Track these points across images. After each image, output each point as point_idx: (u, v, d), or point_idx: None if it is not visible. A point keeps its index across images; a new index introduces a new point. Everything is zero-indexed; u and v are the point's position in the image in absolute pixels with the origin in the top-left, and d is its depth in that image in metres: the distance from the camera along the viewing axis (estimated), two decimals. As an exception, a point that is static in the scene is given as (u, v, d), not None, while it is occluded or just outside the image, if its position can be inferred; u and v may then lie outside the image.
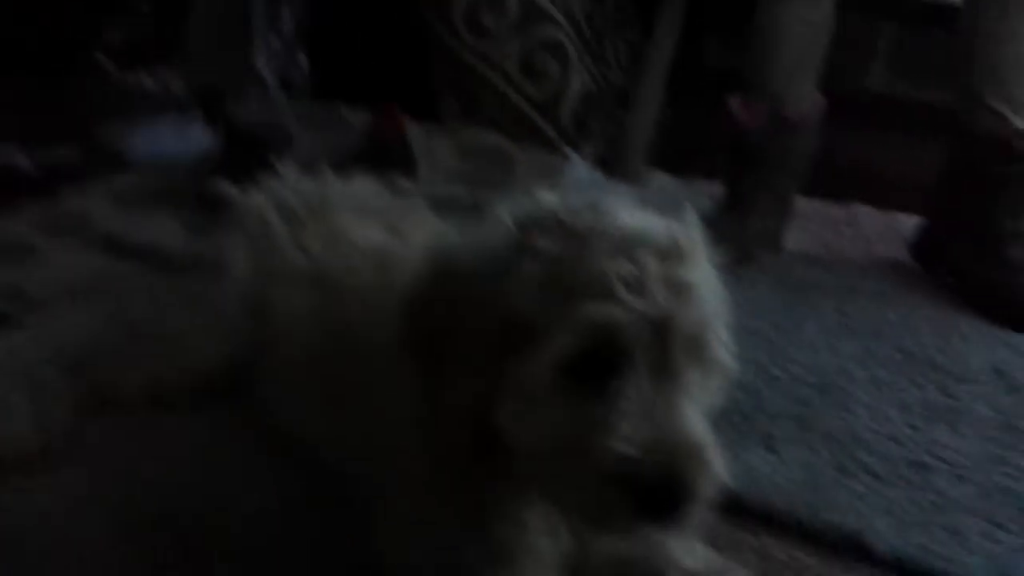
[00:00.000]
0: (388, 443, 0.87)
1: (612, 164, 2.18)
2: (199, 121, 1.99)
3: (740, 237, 1.71)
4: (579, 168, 2.12)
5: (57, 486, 1.05)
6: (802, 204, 1.92)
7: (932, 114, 1.79)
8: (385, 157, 1.86)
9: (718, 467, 0.69)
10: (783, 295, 1.63)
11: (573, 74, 2.23)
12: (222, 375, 1.15)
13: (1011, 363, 1.45)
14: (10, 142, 1.82)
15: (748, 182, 1.76)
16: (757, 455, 1.21)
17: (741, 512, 1.06)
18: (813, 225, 1.94)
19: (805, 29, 1.70)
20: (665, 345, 0.69)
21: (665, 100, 2.29)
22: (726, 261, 1.67)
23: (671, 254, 0.71)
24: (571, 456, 0.69)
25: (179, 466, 1.09)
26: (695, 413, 0.70)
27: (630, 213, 0.75)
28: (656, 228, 0.74)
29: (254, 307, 1.11)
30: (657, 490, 0.67)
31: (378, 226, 1.14)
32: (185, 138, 1.95)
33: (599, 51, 2.39)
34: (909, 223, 1.92)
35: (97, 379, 1.15)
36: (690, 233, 0.75)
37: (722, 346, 0.75)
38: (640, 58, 2.32)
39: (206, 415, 1.17)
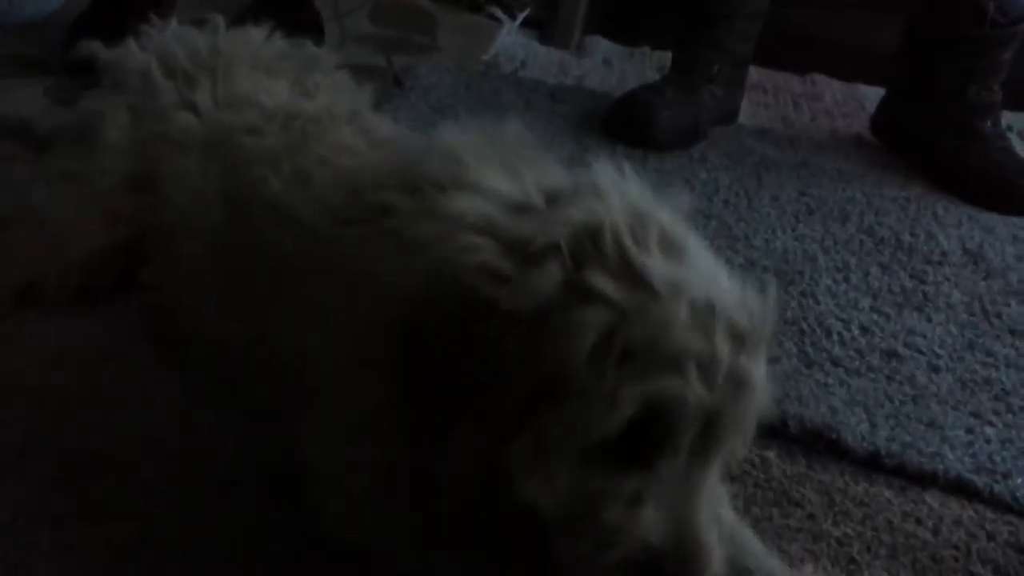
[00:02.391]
0: (316, 345, 0.81)
1: (546, 28, 2.11)
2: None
3: (692, 108, 1.68)
4: (510, 34, 2.05)
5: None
6: (758, 74, 1.89)
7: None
8: (286, 18, 1.73)
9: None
10: (739, 174, 1.61)
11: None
12: (106, 265, 1.06)
13: (984, 244, 1.47)
14: None
15: (700, 44, 1.72)
16: (717, 348, 1.20)
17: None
18: (770, 98, 1.92)
19: None
20: (711, 434, 0.68)
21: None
22: (669, 142, 1.64)
23: (743, 337, 0.68)
24: (587, 527, 0.67)
25: (62, 374, 1.03)
26: (714, 503, 0.71)
27: (705, 265, 0.72)
28: (732, 297, 0.70)
29: (139, 181, 1.02)
30: None
31: (281, 82, 1.06)
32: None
33: None
34: (873, 94, 1.91)
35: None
36: (765, 311, 0.72)
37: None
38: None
39: (90, 314, 1.09)
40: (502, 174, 0.75)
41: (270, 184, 0.90)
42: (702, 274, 0.70)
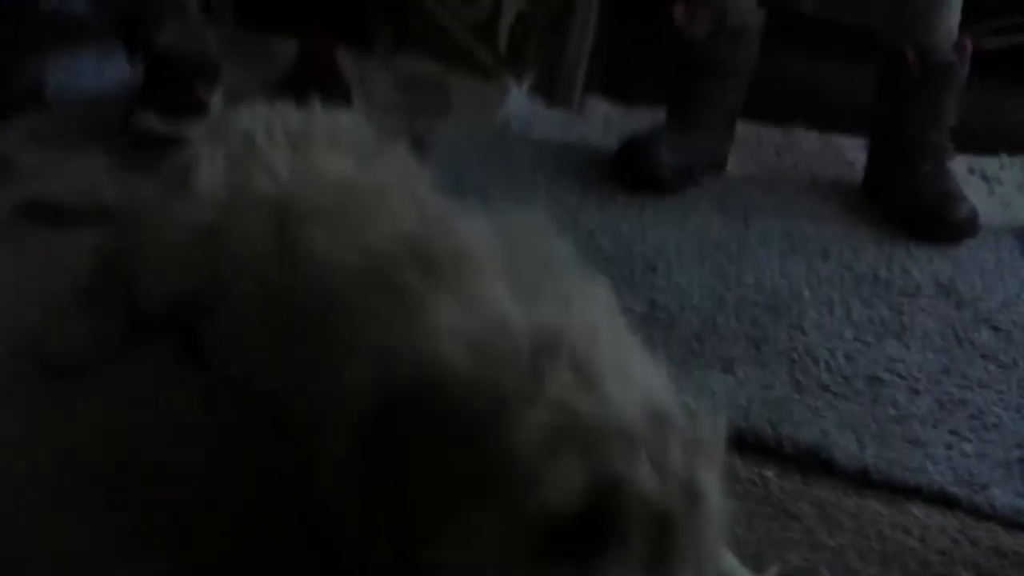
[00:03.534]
0: (339, 405, 0.83)
1: (550, 91, 2.15)
2: (119, 52, 1.88)
3: (688, 152, 1.72)
4: (519, 98, 2.09)
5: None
6: (741, 128, 1.92)
7: (868, 34, 1.80)
8: (318, 87, 1.78)
9: None
10: (728, 218, 1.64)
11: (505, -4, 2.18)
12: (179, 306, 1.11)
13: (955, 277, 1.49)
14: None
15: (692, 95, 1.75)
16: (715, 377, 1.23)
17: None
18: (753, 149, 1.95)
19: None
20: (666, 544, 0.62)
21: (603, 23, 2.26)
22: (671, 181, 1.65)
23: (697, 448, 0.65)
24: None
25: (134, 410, 1.06)
26: None
27: (655, 379, 0.69)
28: (679, 414, 0.67)
29: (212, 233, 1.05)
30: None
31: (349, 156, 1.09)
32: (105, 70, 1.84)
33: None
34: (849, 144, 1.95)
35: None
36: (716, 429, 0.68)
37: (718, 553, 0.69)
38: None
39: (152, 351, 1.14)
40: (499, 282, 0.75)
41: (318, 241, 0.92)
42: (658, 391, 0.68)
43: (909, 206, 1.64)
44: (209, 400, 1.07)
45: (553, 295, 0.75)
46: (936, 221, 1.60)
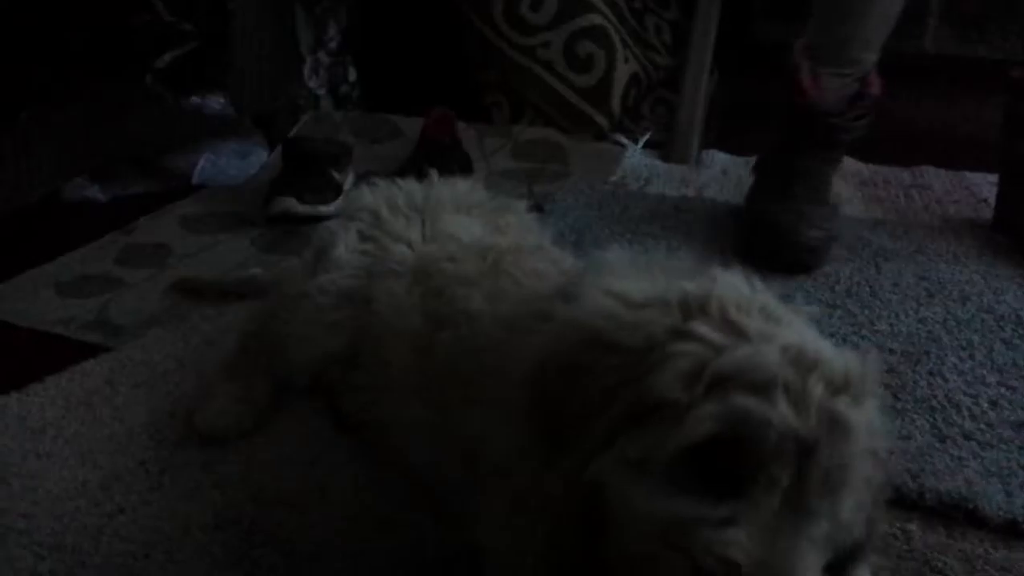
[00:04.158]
0: (485, 433, 0.87)
1: (666, 147, 2.18)
2: (260, 142, 2.03)
3: (827, 231, 1.64)
4: (634, 156, 2.12)
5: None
6: (868, 171, 1.90)
7: (992, 69, 1.75)
8: (441, 161, 1.87)
9: None
10: (859, 264, 1.61)
11: (618, 59, 2.23)
12: (325, 368, 1.18)
13: (1103, 315, 1.41)
14: (82, 176, 1.87)
15: (826, 169, 1.68)
16: (852, 428, 1.20)
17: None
18: (881, 191, 1.92)
19: None
20: (804, 475, 0.63)
21: (716, 78, 2.28)
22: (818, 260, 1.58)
23: (840, 387, 0.65)
24: (671, 547, 0.63)
25: (276, 475, 1.13)
26: (813, 562, 0.64)
27: (804, 332, 0.70)
28: (829, 355, 0.67)
29: (355, 297, 1.13)
30: None
31: (477, 222, 1.16)
32: (247, 160, 1.98)
33: (642, 33, 2.38)
34: (980, 181, 1.89)
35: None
36: (867, 370, 0.68)
37: (866, 488, 0.67)
38: (684, 37, 2.31)
39: (296, 411, 1.22)
40: (642, 278, 0.78)
41: (471, 302, 0.98)
42: (799, 332, 0.69)
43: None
44: (355, 464, 1.13)
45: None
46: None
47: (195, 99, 1.74)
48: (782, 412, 0.62)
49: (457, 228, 1.14)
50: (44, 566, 1.00)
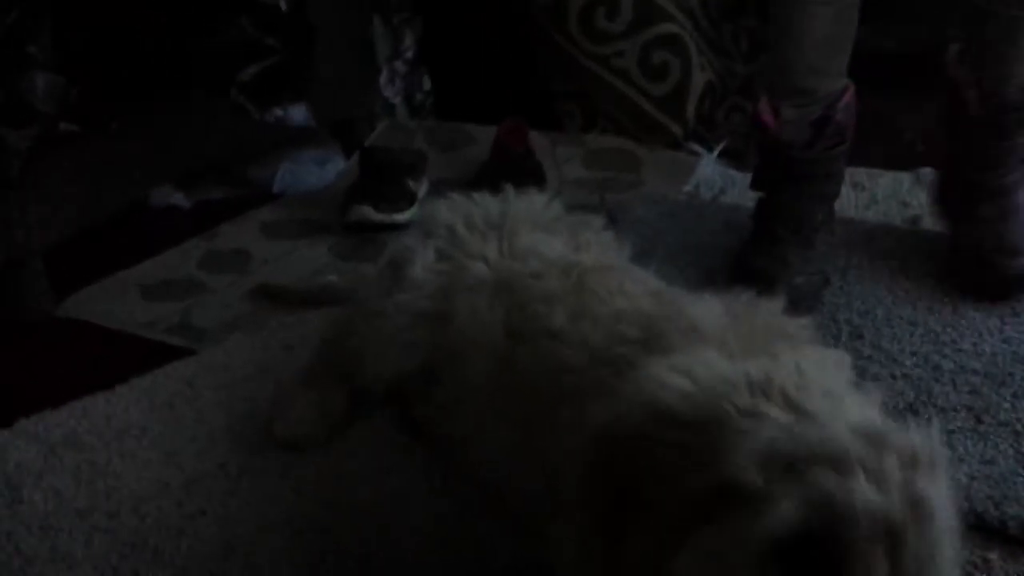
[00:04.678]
0: (562, 461, 0.87)
1: (742, 156, 2.15)
2: (337, 151, 2.07)
3: (812, 274, 1.54)
4: (709, 165, 2.10)
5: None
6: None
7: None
8: (514, 171, 1.88)
9: None
10: (939, 281, 1.56)
11: (694, 68, 2.21)
12: (401, 386, 1.19)
13: None
14: (168, 184, 1.94)
15: (800, 205, 1.55)
16: (932, 451, 1.17)
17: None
18: (964, 204, 1.86)
19: (826, 10, 1.48)
20: (897, 565, 0.61)
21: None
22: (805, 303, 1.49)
23: (912, 462, 0.64)
24: None
25: (352, 488, 1.15)
26: None
27: (866, 409, 0.70)
28: (897, 431, 0.66)
29: (433, 316, 1.14)
30: None
31: (557, 239, 1.16)
32: (325, 168, 2.03)
33: (718, 41, 2.35)
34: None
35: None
36: (933, 444, 0.67)
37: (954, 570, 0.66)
38: (761, 44, 2.28)
39: (371, 421, 1.24)
40: (716, 352, 0.78)
41: (554, 319, 0.98)
42: (863, 411, 0.68)
43: (962, 257, 1.51)
44: (429, 474, 1.14)
45: (767, 356, 0.77)
46: (991, 275, 1.46)
47: (278, 111, 1.78)
48: (866, 491, 0.61)
49: (537, 245, 1.14)
50: (127, 565, 1.04)
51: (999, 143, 1.52)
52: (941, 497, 0.64)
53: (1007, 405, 1.25)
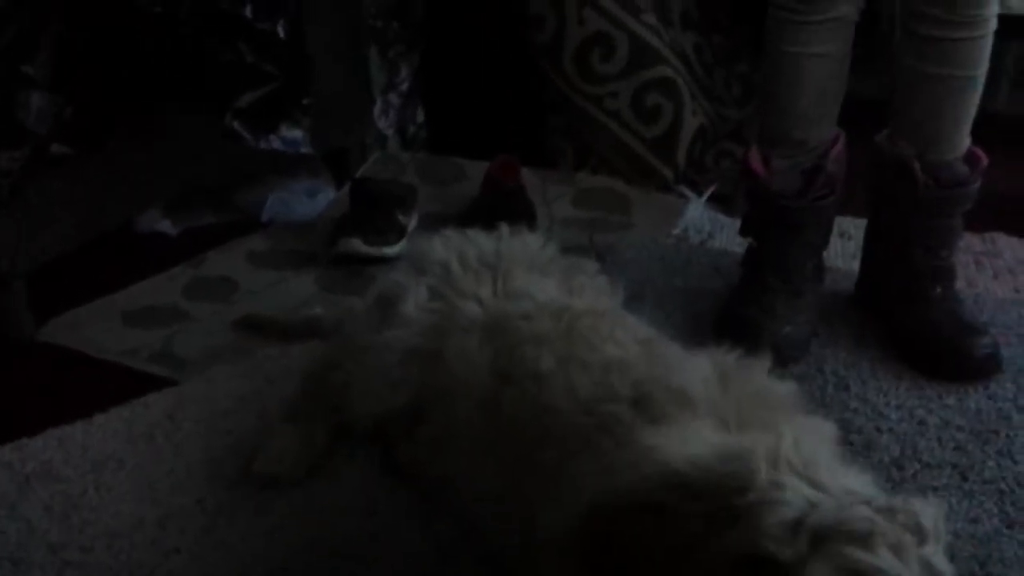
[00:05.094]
0: (544, 510, 0.86)
1: (731, 201, 2.15)
2: (327, 181, 2.06)
3: (801, 325, 1.53)
4: (697, 209, 2.10)
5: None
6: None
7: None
8: (504, 207, 1.88)
9: None
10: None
11: (686, 111, 2.22)
12: (389, 422, 1.18)
13: None
14: (155, 209, 1.92)
15: (793, 254, 1.55)
16: (916, 508, 1.16)
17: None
18: (950, 258, 1.87)
19: (820, 62, 1.49)
20: None
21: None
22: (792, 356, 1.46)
23: (923, 536, 0.67)
24: None
25: (333, 526, 1.13)
26: None
27: (866, 482, 0.73)
28: (903, 504, 0.69)
29: (423, 354, 1.12)
30: None
31: (550, 281, 1.15)
32: (315, 199, 2.01)
33: (711, 86, 2.37)
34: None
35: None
36: (937, 517, 0.70)
37: None
38: (754, 90, 2.30)
39: (355, 458, 1.22)
40: (710, 424, 0.79)
41: (542, 362, 0.97)
42: (868, 485, 0.71)
43: (920, 338, 1.47)
44: (411, 513, 1.12)
45: (761, 427, 0.78)
46: (955, 357, 1.44)
47: (274, 139, 1.77)
48: (892, 564, 0.63)
49: (530, 287, 1.13)
50: (97, 603, 1.01)
51: (948, 221, 1.51)
52: (946, 566, 0.67)
53: (992, 463, 1.25)
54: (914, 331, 1.49)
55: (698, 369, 0.88)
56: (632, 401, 0.85)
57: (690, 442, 0.74)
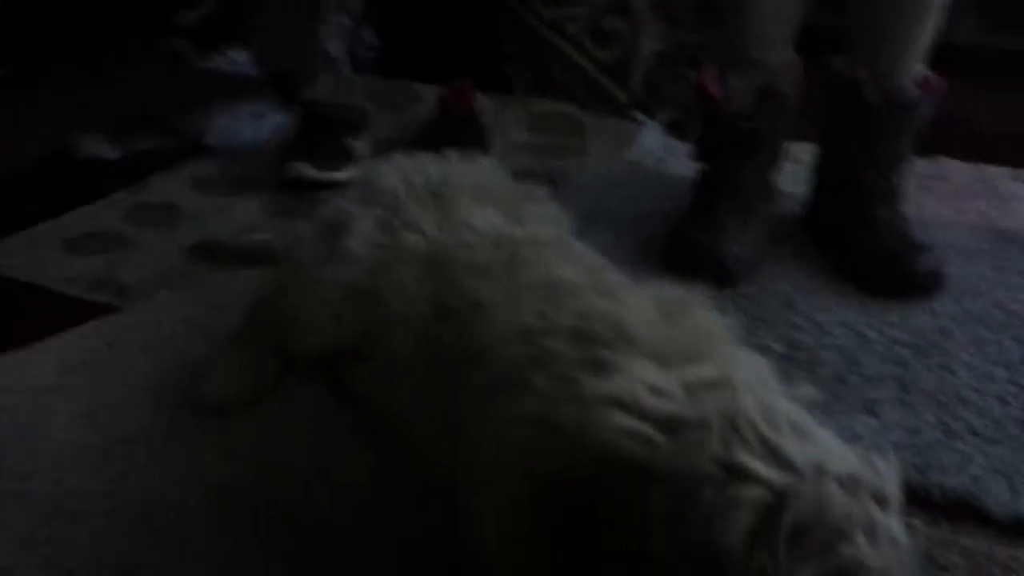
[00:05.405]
0: (478, 446, 0.84)
1: (684, 128, 2.14)
2: (275, 104, 2.00)
3: (753, 246, 1.53)
4: (652, 134, 2.09)
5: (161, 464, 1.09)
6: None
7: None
8: (458, 132, 1.85)
9: None
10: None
11: (643, 36, 2.19)
12: (335, 358, 1.16)
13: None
14: (96, 133, 1.85)
15: (745, 175, 1.55)
16: (859, 420, 1.19)
17: (847, 479, 1.04)
18: (900, 181, 1.88)
19: None
20: None
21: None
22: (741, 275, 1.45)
23: (886, 500, 0.65)
24: None
25: (283, 451, 1.12)
26: None
27: (831, 442, 0.68)
28: (867, 470, 0.66)
29: (364, 290, 1.10)
30: None
31: (495, 210, 1.11)
32: (262, 122, 1.96)
33: (668, 11, 2.34)
34: (996, 174, 1.86)
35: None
36: (892, 477, 0.68)
37: None
38: (710, 16, 2.27)
39: (304, 395, 1.20)
40: (652, 364, 0.75)
41: (482, 292, 0.94)
42: (835, 452, 0.67)
43: (866, 257, 1.49)
44: (359, 439, 1.12)
45: (711, 366, 0.75)
46: (898, 274, 1.46)
47: (218, 58, 1.71)
48: (870, 555, 0.61)
49: (473, 216, 1.09)
50: (41, 533, 0.99)
51: (898, 143, 1.51)
52: (903, 535, 0.65)
53: (932, 376, 1.27)
54: (860, 250, 1.50)
55: (641, 306, 0.85)
56: (571, 334, 0.82)
57: (636, 402, 0.69)
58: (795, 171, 1.84)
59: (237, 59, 1.74)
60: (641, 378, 0.72)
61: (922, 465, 1.10)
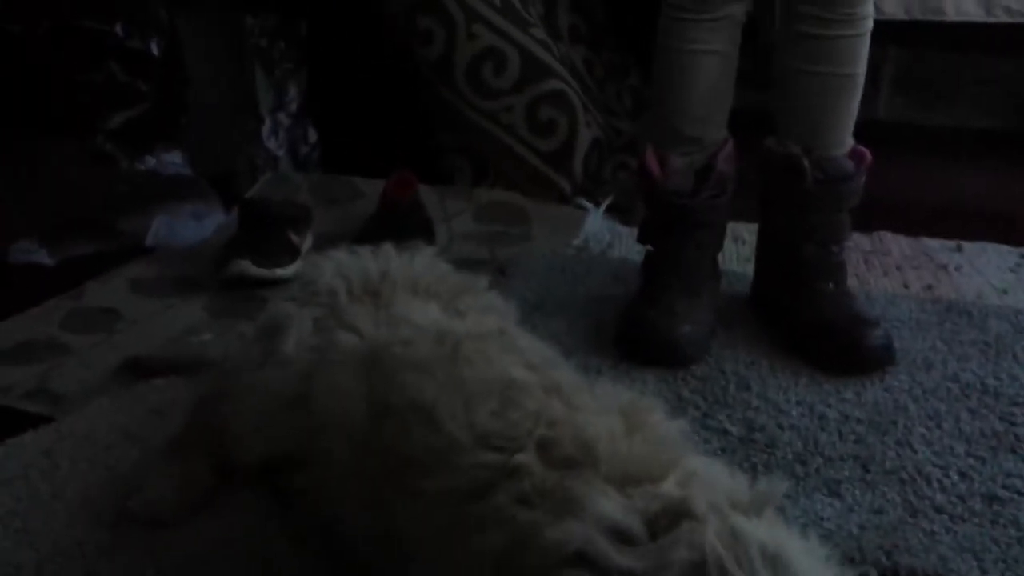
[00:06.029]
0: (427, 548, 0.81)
1: (628, 212, 2.17)
2: (215, 204, 1.98)
3: (702, 324, 1.54)
4: (597, 220, 2.11)
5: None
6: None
7: (949, 136, 1.77)
8: (402, 224, 1.84)
9: None
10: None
11: (580, 124, 2.23)
12: (271, 469, 1.10)
13: (1069, 383, 1.40)
14: (29, 239, 1.80)
15: (688, 255, 1.56)
16: (822, 502, 1.17)
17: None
18: (840, 257, 1.91)
19: (712, 59, 1.53)
20: None
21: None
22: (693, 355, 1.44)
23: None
24: None
25: (212, 556, 1.06)
26: None
27: (811, 563, 0.68)
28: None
29: (301, 398, 1.04)
30: None
31: (434, 304, 1.09)
32: (203, 222, 1.93)
33: (603, 99, 2.39)
34: (938, 246, 1.90)
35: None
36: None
37: None
38: (645, 104, 2.32)
39: (245, 503, 1.14)
40: (614, 489, 0.73)
41: (423, 390, 0.89)
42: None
43: (815, 333, 1.49)
44: (298, 548, 1.06)
45: (673, 484, 0.73)
46: (850, 349, 1.46)
47: (150, 159, 1.69)
48: None
49: (411, 311, 1.06)
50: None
51: (837, 215, 1.53)
52: None
53: (892, 453, 1.26)
54: (809, 326, 1.51)
55: (601, 413, 0.82)
56: (538, 445, 0.78)
57: (594, 554, 0.66)
58: (740, 251, 1.87)
59: (171, 160, 1.71)
60: (605, 517, 0.69)
61: (889, 546, 1.08)
